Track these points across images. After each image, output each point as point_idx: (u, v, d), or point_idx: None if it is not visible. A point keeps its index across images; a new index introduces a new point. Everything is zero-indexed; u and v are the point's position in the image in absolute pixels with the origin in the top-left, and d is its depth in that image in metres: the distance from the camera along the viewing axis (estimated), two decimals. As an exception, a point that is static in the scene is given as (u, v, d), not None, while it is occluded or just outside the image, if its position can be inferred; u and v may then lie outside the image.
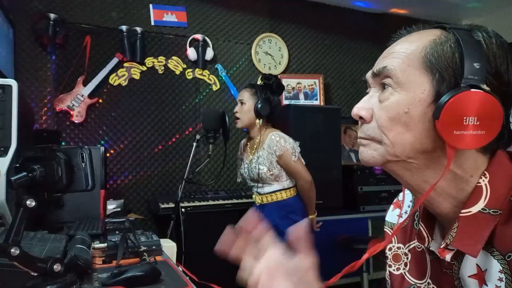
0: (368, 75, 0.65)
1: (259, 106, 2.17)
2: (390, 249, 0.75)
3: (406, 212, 0.76)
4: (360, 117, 0.63)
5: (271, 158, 2.13)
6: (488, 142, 0.55)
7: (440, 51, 0.57)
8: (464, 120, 0.53)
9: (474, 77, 0.54)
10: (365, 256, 0.67)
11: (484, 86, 0.54)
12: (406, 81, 0.58)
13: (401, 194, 0.79)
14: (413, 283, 0.70)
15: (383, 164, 0.62)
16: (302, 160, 2.18)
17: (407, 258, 0.72)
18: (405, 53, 0.59)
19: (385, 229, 0.80)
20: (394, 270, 0.74)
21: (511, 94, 0.57)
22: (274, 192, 2.18)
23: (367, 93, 0.65)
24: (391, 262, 0.74)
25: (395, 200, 0.81)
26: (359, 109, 0.63)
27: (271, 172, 2.14)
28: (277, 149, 2.12)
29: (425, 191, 0.60)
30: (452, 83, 0.55)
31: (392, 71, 0.59)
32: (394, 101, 0.58)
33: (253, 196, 2.29)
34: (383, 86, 0.61)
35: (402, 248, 0.73)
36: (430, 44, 0.58)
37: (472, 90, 0.53)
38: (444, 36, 0.58)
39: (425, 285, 0.68)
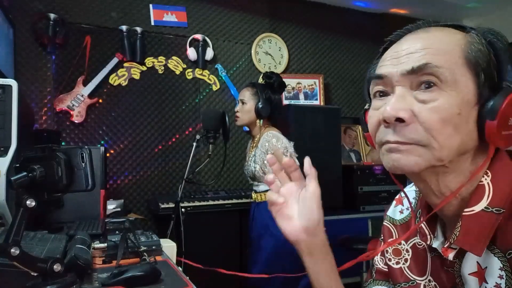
0: (396, 72, 0.57)
1: (260, 107, 2.17)
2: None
3: (407, 208, 0.76)
4: (397, 119, 0.56)
5: (263, 156, 2.14)
6: None
7: (481, 51, 0.56)
8: (510, 121, 0.54)
9: (510, 78, 0.55)
10: (381, 248, 0.72)
11: None
12: (454, 80, 0.54)
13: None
14: (412, 279, 0.70)
15: (422, 170, 0.57)
16: (296, 161, 2.17)
17: (408, 255, 0.72)
18: (443, 50, 0.56)
19: (384, 223, 0.80)
20: (393, 264, 0.74)
21: None
22: (267, 191, 2.18)
23: (379, 90, 0.61)
24: (391, 256, 0.75)
25: (397, 196, 0.81)
26: (398, 110, 0.55)
27: (263, 171, 2.15)
28: (268, 147, 2.13)
29: (443, 195, 0.60)
30: (492, 85, 0.55)
31: (439, 69, 0.54)
32: (445, 102, 0.54)
33: (252, 193, 2.31)
34: (421, 85, 0.56)
35: (403, 244, 0.73)
36: (467, 43, 0.56)
37: None
38: (475, 36, 0.57)
39: (425, 282, 0.68)
